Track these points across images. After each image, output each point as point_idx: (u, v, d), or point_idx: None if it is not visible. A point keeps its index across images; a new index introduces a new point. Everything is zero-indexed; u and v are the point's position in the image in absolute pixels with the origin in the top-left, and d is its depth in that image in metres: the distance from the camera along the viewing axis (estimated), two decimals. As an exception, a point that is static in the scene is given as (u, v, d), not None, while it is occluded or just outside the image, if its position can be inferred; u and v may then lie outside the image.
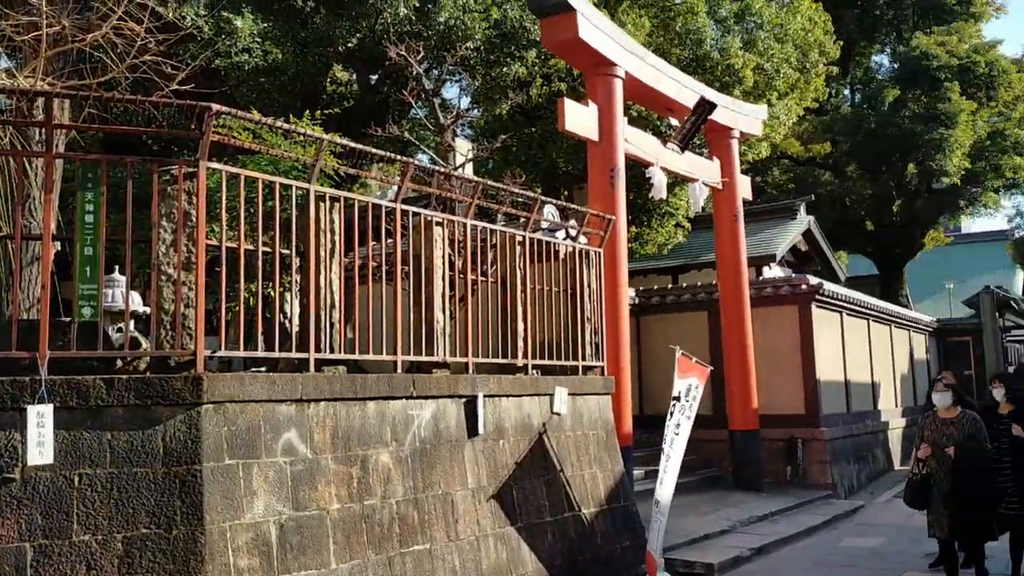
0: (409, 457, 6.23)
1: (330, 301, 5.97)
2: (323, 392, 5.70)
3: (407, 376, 6.38)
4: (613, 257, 10.39)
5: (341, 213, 6.08)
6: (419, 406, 6.41)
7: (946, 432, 7.38)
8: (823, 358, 15.11)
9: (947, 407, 7.52)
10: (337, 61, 12.41)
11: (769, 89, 17.55)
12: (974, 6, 30.52)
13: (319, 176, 6.18)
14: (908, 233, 30.69)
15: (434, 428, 6.50)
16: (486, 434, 6.90)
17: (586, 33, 10.40)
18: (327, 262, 5.96)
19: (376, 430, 6.07)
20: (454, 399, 6.70)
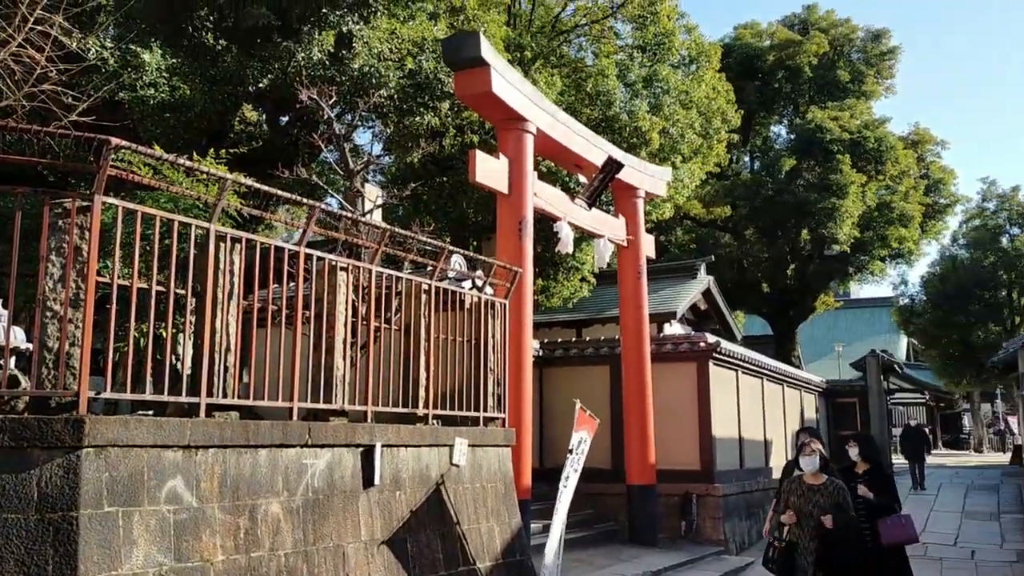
0: (301, 507, 6.06)
1: (225, 344, 5.81)
2: (212, 438, 5.51)
3: (303, 424, 6.23)
4: (519, 309, 10.46)
5: (242, 254, 5.95)
6: (314, 455, 6.26)
7: (812, 499, 7.22)
8: (719, 415, 15.46)
9: (814, 472, 7.36)
10: (247, 100, 12.25)
11: (674, 152, 18.13)
12: (865, 85, 32.39)
13: (221, 216, 6.05)
14: (801, 296, 31.95)
15: (328, 478, 6.35)
16: (382, 485, 6.78)
17: (499, 88, 10.59)
18: (224, 304, 5.81)
19: (267, 479, 5.88)
20: (351, 448, 6.57)
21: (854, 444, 8.30)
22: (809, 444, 7.49)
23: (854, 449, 8.21)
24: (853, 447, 8.26)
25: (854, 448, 8.23)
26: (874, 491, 7.87)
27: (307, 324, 6.60)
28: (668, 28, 18.41)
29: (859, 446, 8.23)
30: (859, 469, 8.10)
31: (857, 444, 8.28)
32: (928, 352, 39.94)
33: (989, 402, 49.93)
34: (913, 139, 33.28)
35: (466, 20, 13.32)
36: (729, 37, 32.78)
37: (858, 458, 8.14)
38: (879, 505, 7.79)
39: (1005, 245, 36.55)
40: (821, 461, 7.36)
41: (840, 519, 7.09)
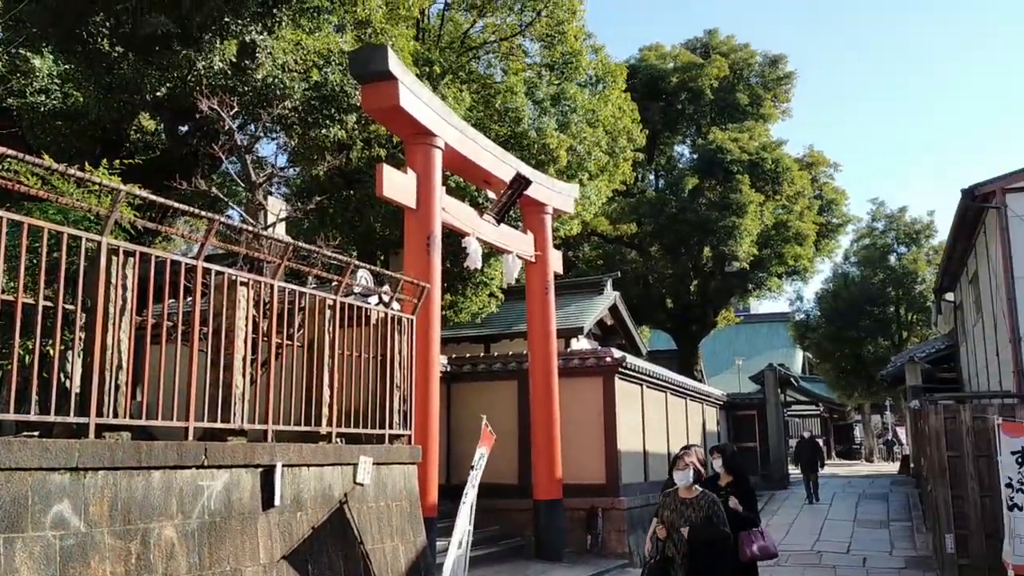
0: (196, 531, 5.85)
1: (117, 361, 5.57)
2: (103, 460, 5.27)
3: (199, 444, 6.02)
4: (426, 324, 10.39)
5: (136, 268, 5.74)
6: (211, 476, 6.06)
7: (684, 513, 7.04)
8: (624, 429, 15.67)
9: (687, 486, 7.14)
10: (144, 109, 11.87)
11: (581, 169, 18.40)
12: (764, 108, 33.58)
13: (114, 229, 5.82)
14: (703, 311, 32.77)
15: (226, 499, 6.15)
16: (283, 506, 6.60)
17: (407, 102, 10.53)
18: (116, 319, 5.59)
19: (161, 501, 5.66)
20: (250, 469, 6.38)
21: (717, 455, 8.14)
22: (683, 458, 7.32)
23: (718, 460, 8.08)
24: (717, 458, 8.10)
25: (718, 459, 8.08)
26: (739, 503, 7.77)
27: (205, 340, 6.39)
28: (575, 48, 18.71)
29: (723, 457, 8.07)
30: (723, 481, 7.96)
31: (721, 455, 8.11)
32: (822, 366, 41.46)
33: (879, 414, 52.16)
34: (808, 161, 34.65)
35: (373, 33, 13.23)
36: (634, 58, 33.56)
37: (722, 469, 8.02)
38: (744, 518, 7.67)
39: (893, 263, 38.30)
40: (695, 475, 7.18)
41: (711, 532, 6.94)
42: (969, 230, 16.72)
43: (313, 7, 11.50)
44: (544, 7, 18.01)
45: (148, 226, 6.36)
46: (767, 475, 25.49)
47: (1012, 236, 14.18)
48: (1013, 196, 14.36)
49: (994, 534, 11.25)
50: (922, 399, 13.57)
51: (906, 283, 37.25)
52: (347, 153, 14.94)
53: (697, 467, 7.30)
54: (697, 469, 7.28)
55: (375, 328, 8.35)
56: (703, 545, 6.92)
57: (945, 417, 11.92)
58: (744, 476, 8.10)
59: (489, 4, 18.34)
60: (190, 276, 6.23)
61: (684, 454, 7.40)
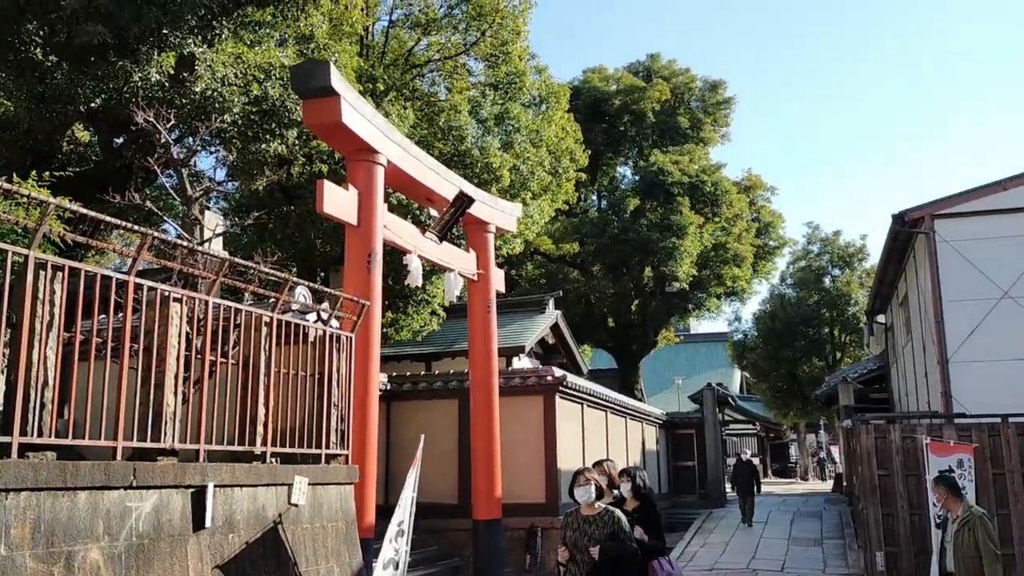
0: (124, 553, 5.68)
1: (43, 379, 5.40)
2: (25, 481, 5.09)
3: (127, 464, 5.86)
4: (366, 342, 10.30)
5: (64, 283, 5.58)
6: (139, 497, 5.89)
7: (587, 532, 6.66)
8: (564, 448, 15.72)
9: (589, 503, 6.75)
10: (78, 120, 11.60)
11: (524, 189, 18.49)
12: (704, 132, 34.22)
13: (43, 242, 5.66)
14: (644, 331, 33.11)
15: (155, 521, 5.99)
16: (214, 527, 6.45)
17: (349, 118, 10.47)
18: (43, 336, 5.42)
19: (87, 523, 5.48)
20: (180, 489, 6.23)
21: (626, 479, 7.65)
22: (583, 473, 6.92)
23: (626, 484, 7.59)
24: (625, 482, 7.62)
25: (626, 483, 7.60)
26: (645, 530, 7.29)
27: (135, 358, 6.24)
28: (519, 68, 18.85)
29: (631, 482, 7.59)
30: (628, 507, 7.46)
31: (629, 480, 7.63)
32: (759, 385, 42.17)
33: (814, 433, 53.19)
34: (746, 184, 35.37)
35: (316, 49, 13.14)
36: (578, 80, 33.93)
37: (629, 494, 7.55)
38: (650, 548, 7.23)
39: (827, 285, 39.22)
40: (598, 491, 6.81)
41: (617, 549, 6.57)
42: (900, 254, 17.23)
43: (254, 21, 11.38)
44: (489, 27, 18.13)
45: (79, 240, 6.20)
46: (705, 493, 25.77)
47: (940, 261, 14.65)
48: (941, 222, 14.85)
49: (923, 551, 11.54)
50: (854, 419, 13.88)
51: (840, 305, 38.14)
52: (288, 168, 14.78)
53: (599, 484, 6.90)
54: (599, 486, 6.88)
55: (313, 346, 8.24)
56: (609, 563, 6.54)
57: (876, 436, 12.21)
58: (652, 503, 7.65)
59: (434, 23, 18.41)
60: (122, 292, 6.08)
61: (585, 470, 7.01)
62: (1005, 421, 11.69)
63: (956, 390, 14.17)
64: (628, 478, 7.63)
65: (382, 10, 19.00)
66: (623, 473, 7.79)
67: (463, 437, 14.95)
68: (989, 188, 14.76)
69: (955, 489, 8.11)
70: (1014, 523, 11.39)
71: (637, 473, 7.70)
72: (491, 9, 17.96)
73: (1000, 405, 12.30)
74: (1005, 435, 11.62)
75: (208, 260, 7.72)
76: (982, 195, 14.79)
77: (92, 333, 5.79)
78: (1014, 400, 12.55)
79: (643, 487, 7.56)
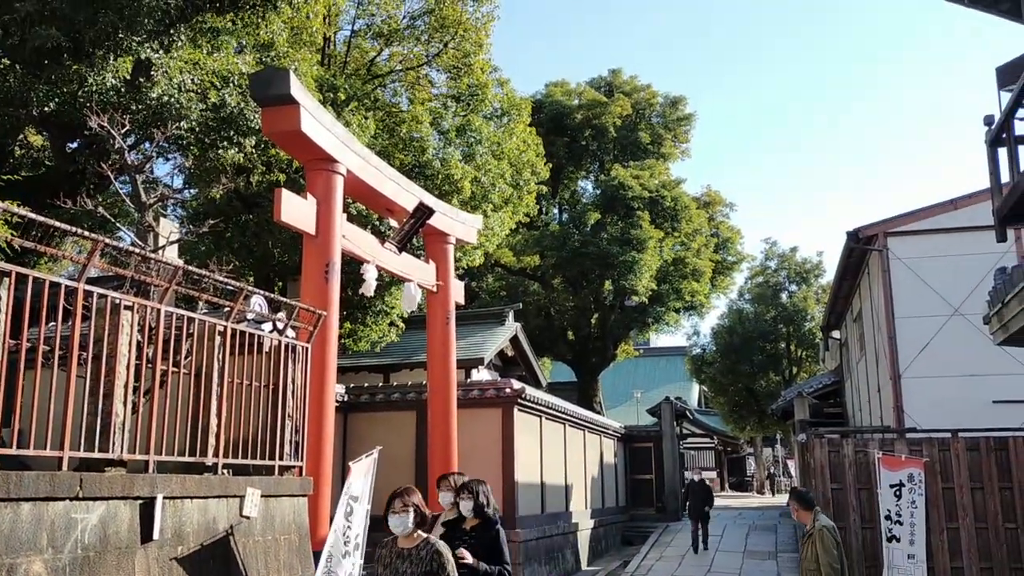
0: (68, 566, 5.53)
1: (-14, 387, 5.26)
2: (-35, 492, 4.95)
3: (73, 475, 5.72)
4: (322, 353, 10.19)
5: (10, 290, 5.44)
6: (85, 508, 5.75)
7: (400, 569, 5.64)
8: (522, 460, 15.68)
9: (407, 533, 5.69)
10: (31, 124, 11.37)
11: (485, 201, 18.50)
12: (664, 147, 34.56)
13: (-12, 246, 5.53)
14: (603, 344, 33.25)
15: (101, 533, 5.85)
16: (163, 539, 6.32)
17: (308, 127, 10.39)
18: (-13, 343, 5.28)
19: (30, 535, 5.34)
20: (128, 501, 6.09)
21: (467, 497, 6.83)
22: (401, 496, 5.74)
23: (467, 502, 6.79)
24: (466, 499, 6.81)
25: (467, 500, 6.80)
26: (482, 554, 6.53)
27: (84, 366, 6.10)
28: (481, 80, 18.89)
29: (473, 499, 6.79)
30: (468, 525, 6.82)
31: (471, 496, 6.82)
32: (717, 399, 42.58)
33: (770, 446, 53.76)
34: (705, 200, 35.76)
35: (276, 57, 13.05)
36: (540, 93, 34.10)
37: (470, 512, 6.78)
38: (485, 573, 6.49)
39: (784, 301, 39.77)
40: (418, 518, 5.69)
41: None
42: (854, 271, 17.52)
43: (213, 27, 11.27)
44: (451, 39, 18.16)
45: (27, 245, 6.06)
46: (662, 507, 25.88)
47: (893, 277, 14.93)
48: (895, 239, 15.15)
49: (875, 565, 11.69)
50: (808, 433, 14.05)
51: (796, 320, 38.67)
52: (247, 176, 14.63)
53: (421, 509, 5.73)
54: (421, 512, 5.72)
55: (268, 356, 8.14)
56: None
57: (829, 450, 12.36)
58: (492, 521, 6.82)
59: (396, 33, 18.39)
60: (71, 299, 5.95)
61: (403, 492, 5.79)
62: (955, 436, 11.91)
63: (908, 405, 14.43)
64: (469, 494, 6.85)
65: (344, 20, 18.97)
66: (463, 488, 6.97)
67: (420, 449, 14.85)
68: (941, 207, 15.09)
69: (806, 502, 8.20)
70: (963, 537, 11.60)
71: (480, 488, 6.92)
72: (454, 21, 18.00)
73: (950, 420, 12.54)
74: (955, 450, 11.83)
75: (161, 268, 7.59)
76: (934, 213, 15.12)
77: (39, 341, 5.66)
78: (964, 416, 12.81)
79: (486, 504, 6.83)
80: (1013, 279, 7.57)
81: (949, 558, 11.55)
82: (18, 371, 5.74)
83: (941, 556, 11.56)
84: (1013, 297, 7.48)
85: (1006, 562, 11.42)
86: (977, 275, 13.74)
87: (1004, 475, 11.63)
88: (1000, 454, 11.71)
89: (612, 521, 23.34)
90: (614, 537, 23.40)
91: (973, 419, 12.62)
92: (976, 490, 11.67)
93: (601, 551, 21.55)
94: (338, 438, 14.46)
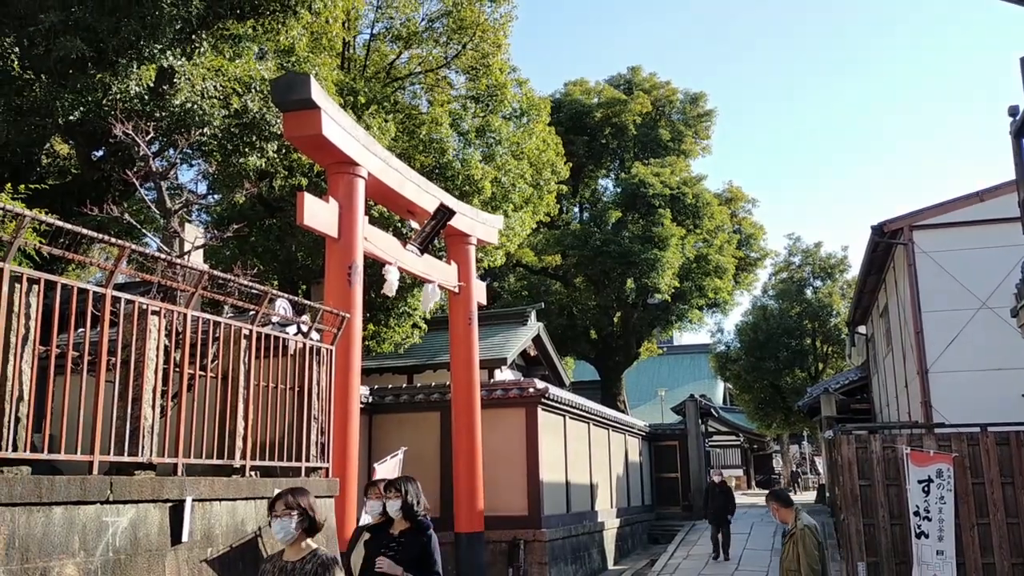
0: (100, 568, 5.61)
1: (18, 393, 5.35)
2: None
3: (104, 478, 5.80)
4: (346, 355, 10.26)
5: (40, 296, 5.53)
6: (116, 511, 5.83)
7: None
8: (546, 460, 15.69)
9: (290, 541, 4.97)
10: (57, 133, 11.52)
11: (506, 201, 18.53)
12: (685, 144, 34.41)
13: (18, 255, 5.61)
14: (626, 343, 33.15)
15: (132, 536, 5.92)
16: (192, 541, 6.39)
17: (329, 131, 10.47)
18: (18, 349, 5.37)
19: (63, 539, 5.42)
20: (158, 504, 6.17)
21: (394, 495, 6.14)
22: (284, 498, 4.97)
23: (394, 502, 6.13)
24: (393, 498, 6.14)
25: (394, 500, 6.13)
26: (408, 562, 5.95)
27: (113, 371, 6.18)
28: (500, 81, 18.91)
29: (401, 497, 6.11)
30: (396, 528, 6.21)
31: (399, 495, 6.12)
32: (742, 396, 42.30)
33: (797, 443, 53.36)
34: (727, 196, 35.57)
35: (297, 62, 13.14)
36: (559, 93, 34.08)
37: (398, 513, 6.15)
38: None
39: (809, 296, 39.43)
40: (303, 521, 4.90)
41: None
42: (879, 265, 17.37)
43: (234, 34, 11.37)
44: (469, 40, 18.20)
45: (55, 252, 6.16)
46: (688, 505, 25.78)
47: (919, 271, 14.78)
48: (920, 232, 14.99)
49: (905, 561, 11.58)
50: (836, 429, 13.94)
51: (821, 316, 38.34)
52: (269, 181, 14.74)
53: (310, 512, 4.94)
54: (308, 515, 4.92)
55: (293, 358, 8.20)
56: None
57: (857, 447, 12.26)
58: (424, 526, 6.16)
59: (415, 36, 18.45)
60: (99, 305, 6.04)
61: (291, 492, 5.07)
62: (984, 431, 11.77)
63: (936, 400, 14.28)
64: (396, 493, 6.13)
65: (363, 23, 19.05)
66: (390, 485, 6.27)
67: (445, 450, 14.90)
68: (967, 199, 14.92)
69: (785, 501, 8.12)
70: (993, 532, 11.45)
71: (409, 487, 6.17)
72: (472, 23, 18.03)
73: (979, 415, 12.39)
74: (984, 444, 11.69)
75: (187, 273, 7.67)
76: (960, 206, 14.95)
77: (68, 347, 5.74)
78: (993, 410, 12.65)
79: (416, 503, 6.12)
80: (1041, 271, 7.48)
81: (980, 554, 11.42)
82: (49, 377, 5.84)
83: (972, 552, 11.43)
84: (1041, 289, 7.39)
85: (1038, 557, 11.28)
86: (1004, 268, 13.58)
87: (1035, 470, 11.47)
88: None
89: (638, 520, 23.29)
90: (640, 536, 23.34)
91: (1002, 413, 12.46)
92: (1007, 485, 11.52)
93: (627, 550, 21.51)
94: (363, 440, 14.55)
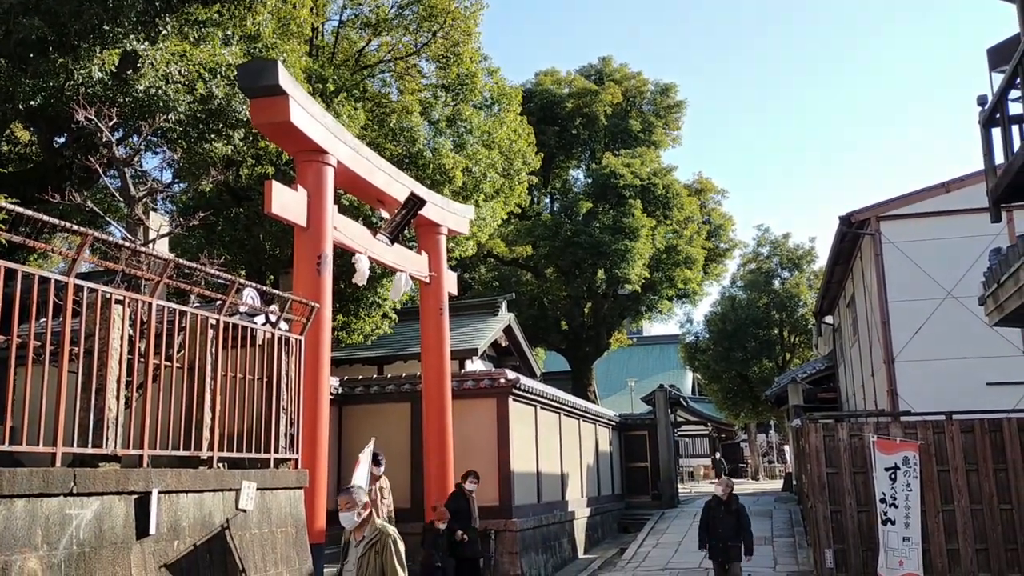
0: (63, 562, 5.49)
1: (-24, 384, 5.21)
2: (-42, 489, 4.90)
3: (67, 470, 5.67)
4: (316, 345, 10.16)
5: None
6: (80, 504, 5.71)
7: None
8: (517, 450, 15.68)
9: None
10: (17, 118, 11.25)
11: (477, 191, 18.43)
12: (655, 135, 34.51)
13: (-24, 241, 5.46)
14: (597, 333, 33.24)
15: (97, 529, 5.80)
16: (159, 534, 6.28)
17: (298, 118, 10.31)
18: (-24, 339, 5.22)
19: (24, 532, 5.29)
20: (123, 496, 6.05)
21: None
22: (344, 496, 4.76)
23: None
24: None
25: None
26: None
27: (76, 361, 6.05)
28: (471, 70, 18.78)
29: None
30: None
31: None
32: (711, 386, 42.63)
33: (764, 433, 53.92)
34: (697, 187, 35.74)
35: (264, 48, 12.93)
36: (530, 82, 34.00)
37: None
38: None
39: (777, 287, 39.79)
40: None
41: None
42: (847, 256, 17.52)
43: (199, 19, 11.16)
44: (440, 28, 18.05)
45: (16, 240, 5.99)
46: (657, 494, 25.95)
47: (886, 261, 14.93)
48: (887, 223, 15.14)
49: (871, 548, 11.72)
50: (803, 418, 14.06)
51: (789, 306, 38.71)
52: (236, 169, 14.52)
53: None
54: None
55: (261, 349, 8.09)
56: None
57: (824, 435, 12.37)
58: None
59: (384, 23, 18.27)
60: (61, 293, 5.89)
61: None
62: (949, 419, 11.93)
63: (902, 388, 14.46)
64: None
65: (332, 10, 18.82)
66: None
67: (415, 440, 14.83)
68: (933, 190, 15.09)
69: None
70: (958, 518, 11.62)
71: None
72: (442, 10, 17.88)
73: (944, 403, 12.56)
74: (949, 432, 11.85)
75: (152, 262, 7.53)
76: (926, 197, 15.11)
77: (30, 336, 5.60)
78: (958, 398, 12.83)
79: None
80: (1008, 259, 7.57)
81: (945, 539, 11.59)
82: (9, 367, 5.69)
83: (937, 538, 11.60)
84: (1009, 277, 7.48)
85: (1001, 542, 11.46)
86: (970, 258, 13.76)
87: (998, 456, 11.65)
88: (994, 436, 11.73)
89: (608, 509, 23.38)
90: (610, 525, 23.44)
91: (967, 401, 12.65)
92: (971, 472, 11.70)
93: (598, 539, 21.59)
94: (333, 431, 14.43)
